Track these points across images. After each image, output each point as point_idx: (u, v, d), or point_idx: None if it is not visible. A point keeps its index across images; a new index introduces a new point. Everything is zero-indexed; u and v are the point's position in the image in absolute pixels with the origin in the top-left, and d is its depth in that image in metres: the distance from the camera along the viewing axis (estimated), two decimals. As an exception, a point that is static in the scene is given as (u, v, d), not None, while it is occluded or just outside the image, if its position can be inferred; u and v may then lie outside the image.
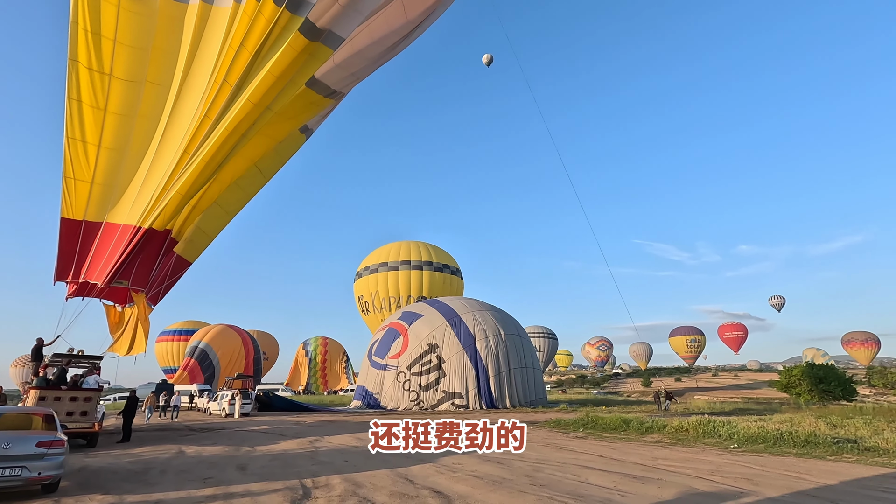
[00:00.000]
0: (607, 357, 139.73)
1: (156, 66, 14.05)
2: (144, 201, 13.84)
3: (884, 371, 47.99)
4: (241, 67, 12.96)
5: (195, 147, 13.27)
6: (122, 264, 13.54)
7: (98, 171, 13.96)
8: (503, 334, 29.76)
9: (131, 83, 13.95)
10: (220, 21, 13.70)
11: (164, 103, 14.19)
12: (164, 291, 16.58)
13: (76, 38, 13.23)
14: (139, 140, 14.19)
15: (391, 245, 50.36)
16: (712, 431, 14.54)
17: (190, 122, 13.71)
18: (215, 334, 51.30)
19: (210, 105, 13.18)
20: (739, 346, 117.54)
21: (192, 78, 14.04)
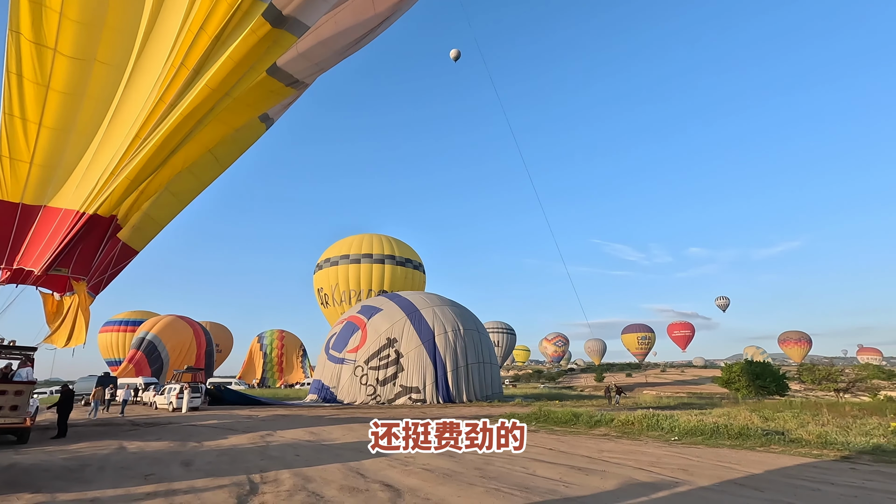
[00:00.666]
0: (563, 353, 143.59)
1: (107, 46, 13.21)
2: (89, 186, 13.10)
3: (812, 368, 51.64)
4: (199, 51, 12.44)
5: (147, 131, 12.66)
6: (62, 251, 12.78)
7: (38, 152, 13.10)
8: (462, 329, 30.04)
9: (79, 61, 13.12)
10: (180, 2, 13.09)
11: (116, 84, 13.40)
12: (107, 281, 15.77)
13: (17, 6, 12.34)
14: (86, 121, 13.38)
15: (353, 237, 49.59)
16: (656, 425, 15.24)
17: (143, 106, 13.07)
18: (165, 325, 49.29)
19: (166, 89, 12.60)
20: (686, 344, 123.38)
21: (146, 60, 13.33)
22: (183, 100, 12.49)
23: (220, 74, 12.41)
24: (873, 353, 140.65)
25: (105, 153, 13.28)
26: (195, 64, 12.43)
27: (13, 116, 12.58)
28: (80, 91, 13.09)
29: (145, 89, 13.22)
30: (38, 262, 12.94)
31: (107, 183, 12.86)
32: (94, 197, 12.93)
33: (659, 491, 7.36)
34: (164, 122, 12.50)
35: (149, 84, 13.21)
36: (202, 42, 12.33)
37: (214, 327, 68.91)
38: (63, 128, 13.10)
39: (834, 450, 11.17)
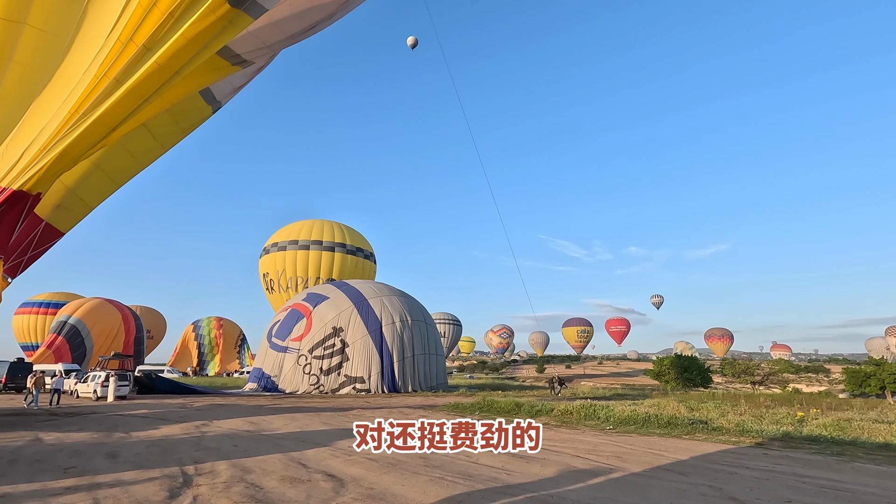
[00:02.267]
0: (508, 344, 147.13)
1: (41, 10, 12.03)
2: (13, 158, 11.96)
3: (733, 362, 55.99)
4: (150, 27, 11.61)
5: (87, 107, 11.69)
6: None
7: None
8: (410, 320, 30.02)
9: (7, 22, 11.91)
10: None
11: (49, 53, 12.21)
12: (26, 263, 14.44)
13: None
14: (11, 89, 12.16)
15: (303, 222, 47.83)
16: (593, 415, 15.94)
17: (81, 79, 12.03)
18: (90, 308, 45.92)
19: (111, 64, 11.66)
20: (622, 339, 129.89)
21: (87, 30, 12.21)
22: (128, 76, 11.68)
23: (170, 52, 11.71)
24: (784, 350, 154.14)
25: (33, 125, 12.19)
26: (145, 40, 11.67)
27: None
28: (6, 55, 11.93)
29: (84, 61, 12.25)
30: None
31: (35, 157, 11.81)
32: (20, 171, 11.84)
33: (595, 477, 7.71)
34: (107, 99, 11.64)
35: (89, 56, 12.23)
36: (154, 18, 11.59)
37: (146, 312, 65.06)
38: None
39: (749, 437, 12.15)
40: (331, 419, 15.73)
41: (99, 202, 15.90)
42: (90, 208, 15.70)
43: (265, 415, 16.84)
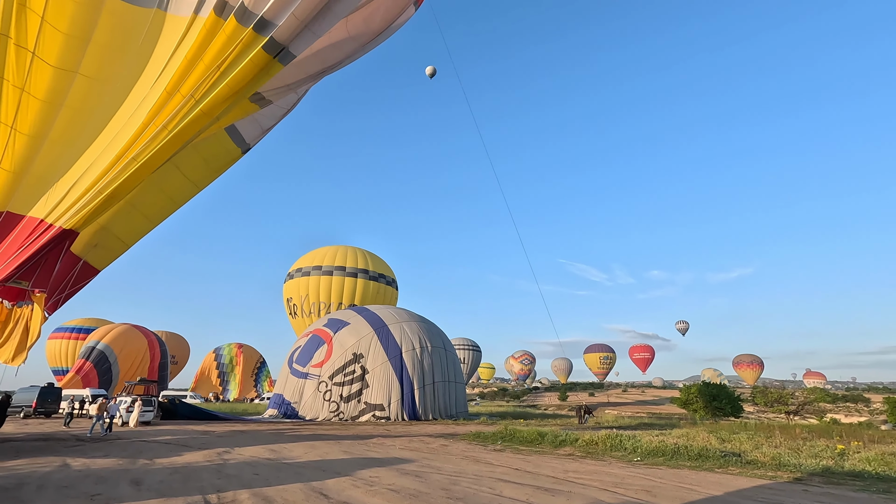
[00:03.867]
0: (530, 371, 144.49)
1: (92, 60, 13.05)
2: (61, 197, 12.70)
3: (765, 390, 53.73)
4: (195, 79, 12.57)
5: (134, 152, 12.44)
6: (26, 262, 12.14)
7: (7, 156, 12.62)
8: (430, 347, 29.83)
9: (61, 71, 12.94)
10: (175, 30, 13.11)
11: (97, 99, 13.17)
12: (64, 299, 14.95)
13: (3, 6, 12.12)
14: (62, 132, 13.03)
15: (327, 248, 48.64)
16: (619, 445, 15.43)
17: (126, 124, 12.87)
18: (117, 335, 46.94)
19: (158, 112, 12.50)
20: (647, 367, 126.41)
21: (134, 80, 13.24)
22: (174, 123, 12.52)
23: (213, 101, 12.68)
24: (819, 378, 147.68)
25: (80, 166, 12.99)
26: (190, 90, 12.51)
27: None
28: (58, 100, 12.94)
29: (130, 108, 13.21)
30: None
31: (81, 197, 12.51)
32: (65, 210, 12.53)
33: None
34: (152, 144, 12.41)
35: (134, 103, 13.19)
36: (199, 71, 12.52)
37: (171, 338, 66.16)
38: (37, 135, 12.78)
39: (787, 472, 11.58)
40: (351, 447, 15.58)
41: (135, 241, 16.46)
42: (127, 247, 16.25)
43: (285, 442, 16.78)
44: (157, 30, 13.42)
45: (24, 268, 12.31)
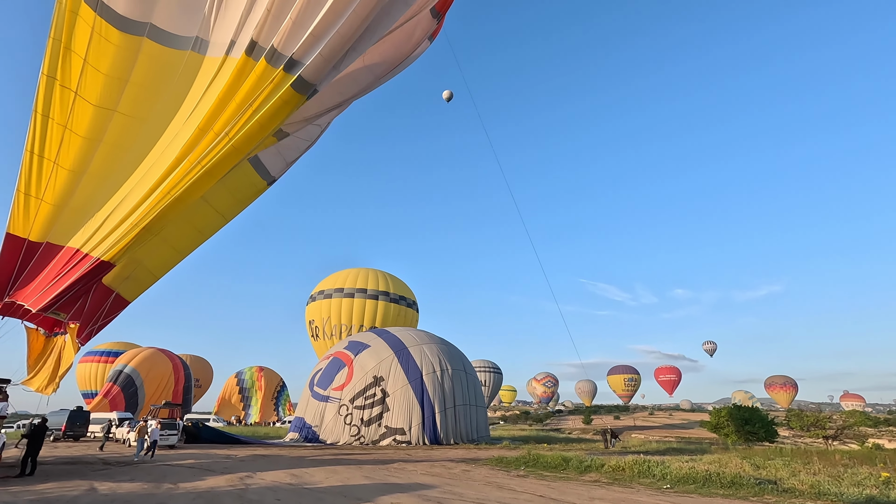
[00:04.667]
0: (553, 393, 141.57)
1: (130, 99, 13.88)
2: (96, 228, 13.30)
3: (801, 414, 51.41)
4: (228, 117, 13.25)
5: (168, 187, 13.04)
6: (64, 293, 12.63)
7: (50, 190, 13.36)
8: (450, 369, 29.58)
9: (101, 109, 13.80)
10: (208, 70, 13.88)
11: (135, 137, 13.93)
12: (96, 330, 15.37)
13: (49, 47, 13.00)
14: (100, 167, 13.76)
15: (349, 271, 49.19)
16: (647, 471, 14.93)
17: (160, 159, 13.54)
18: (144, 358, 47.84)
19: (191, 149, 13.14)
20: (673, 389, 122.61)
21: (169, 118, 14.01)
22: (207, 159, 13.08)
23: (244, 137, 13.29)
24: (857, 400, 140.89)
25: (116, 200, 13.68)
26: (221, 128, 13.20)
27: (33, 154, 13.06)
28: (97, 137, 13.73)
29: (164, 144, 13.90)
30: (38, 300, 12.78)
31: (115, 228, 13.04)
32: (100, 240, 13.06)
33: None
34: (185, 179, 12.96)
35: (168, 140, 13.84)
36: (231, 109, 13.13)
37: (195, 361, 67.06)
38: (77, 170, 13.58)
39: (828, 500, 11.02)
40: (372, 472, 15.43)
41: (164, 272, 16.87)
42: (156, 278, 16.68)
43: (307, 466, 16.71)
44: (191, 71, 14.18)
45: (63, 299, 12.77)
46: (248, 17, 13.79)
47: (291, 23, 13.03)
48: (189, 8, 14.30)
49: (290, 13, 13.13)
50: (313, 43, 13.06)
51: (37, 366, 13.86)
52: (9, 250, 13.00)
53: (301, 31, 13.11)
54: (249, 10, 13.76)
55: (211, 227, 17.03)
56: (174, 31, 14.27)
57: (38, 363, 13.86)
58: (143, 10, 13.90)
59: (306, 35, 13.01)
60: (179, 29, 14.29)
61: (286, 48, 13.04)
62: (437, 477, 14.69)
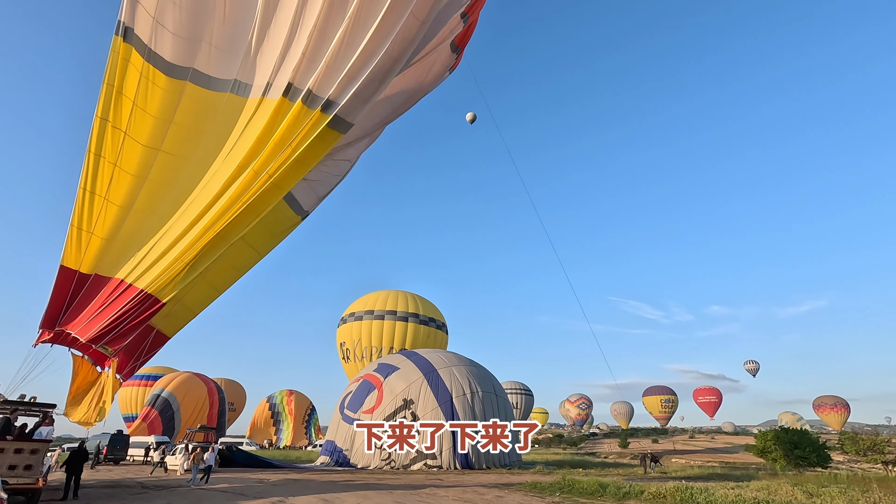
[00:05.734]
0: (587, 416, 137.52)
1: (173, 139, 14.80)
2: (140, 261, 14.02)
3: (855, 437, 48.30)
4: (267, 156, 13.95)
5: (211, 223, 13.68)
6: (114, 326, 13.18)
7: (100, 224, 14.15)
8: (480, 392, 29.17)
9: (148, 148, 14.79)
10: (247, 111, 14.68)
11: (178, 174, 14.71)
12: (138, 366, 15.78)
13: (103, 91, 14.03)
14: (146, 202, 14.62)
15: (379, 293, 49.73)
16: (690, 499, 14.24)
17: (199, 195, 14.30)
18: (180, 382, 49.03)
19: (233, 187, 13.78)
20: (714, 411, 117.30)
21: (210, 157, 14.78)
22: (247, 197, 13.73)
23: (284, 174, 14.02)
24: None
25: (160, 234, 14.38)
26: (261, 166, 13.96)
27: (86, 190, 13.92)
28: (144, 174, 14.59)
29: (206, 182, 14.71)
30: (86, 330, 13.35)
31: (159, 260, 13.65)
32: (145, 272, 13.68)
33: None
34: (227, 216, 13.61)
35: (209, 178, 14.63)
36: (269, 149, 13.76)
37: (229, 384, 68.27)
38: (125, 205, 14.42)
39: (891, 532, 10.22)
40: (403, 498, 15.22)
41: (202, 309, 17.31)
42: (194, 315, 17.11)
43: (338, 491, 16.63)
44: (230, 111, 14.98)
45: (112, 333, 13.28)
46: (284, 61, 14.64)
47: (326, 66, 13.83)
48: (228, 53, 15.25)
49: (324, 57, 13.96)
50: (348, 83, 13.77)
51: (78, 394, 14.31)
52: (62, 282, 13.69)
53: (336, 74, 13.87)
54: (284, 55, 14.61)
55: (246, 264, 17.43)
56: (214, 74, 15.23)
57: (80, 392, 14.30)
58: (187, 56, 14.97)
59: (341, 77, 13.74)
60: (219, 72, 15.25)
61: (322, 90, 13.76)
62: (470, 503, 14.37)
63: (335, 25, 14.20)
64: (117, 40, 14.20)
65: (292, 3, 14.82)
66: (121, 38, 14.22)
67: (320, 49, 14.12)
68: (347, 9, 14.12)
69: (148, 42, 14.53)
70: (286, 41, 14.74)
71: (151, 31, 14.56)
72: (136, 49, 14.39)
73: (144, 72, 14.42)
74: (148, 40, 14.53)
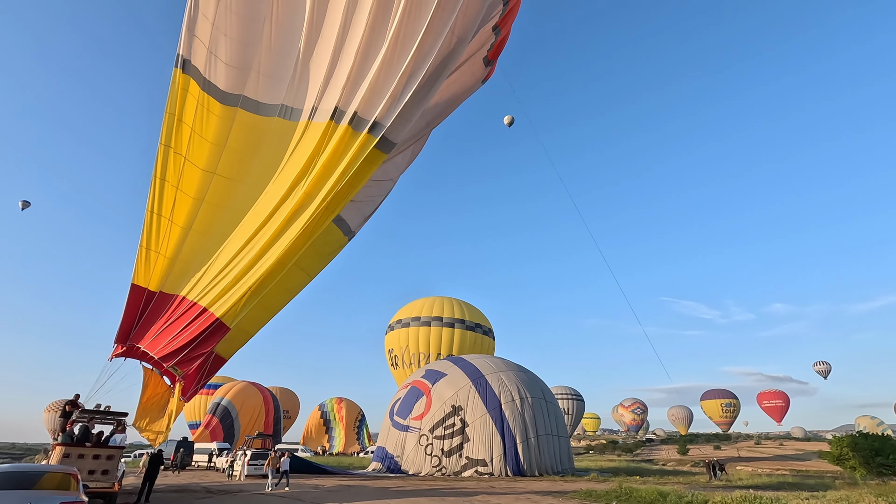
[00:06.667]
0: (642, 421, 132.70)
1: (226, 163, 15.78)
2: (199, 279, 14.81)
3: (947, 443, 43.93)
4: (317, 179, 14.43)
5: (266, 247, 14.25)
6: (184, 347, 13.97)
7: (164, 244, 15.10)
8: (530, 398, 28.75)
9: (205, 172, 15.75)
10: (294, 135, 15.51)
11: (232, 196, 15.54)
12: (198, 389, 16.41)
13: (165, 120, 15.22)
14: (205, 224, 15.48)
15: (425, 300, 50.40)
16: (759, 509, 13.41)
17: (254, 217, 14.96)
18: (238, 391, 51.12)
19: (285, 212, 14.35)
20: (782, 416, 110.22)
21: (261, 179, 15.53)
22: (302, 222, 14.19)
23: (337, 198, 14.61)
24: None
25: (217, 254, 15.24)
26: (313, 189, 14.79)
27: (153, 213, 15.00)
28: (200, 197, 15.46)
29: (258, 204, 15.28)
30: (154, 345, 14.21)
31: (217, 282, 14.47)
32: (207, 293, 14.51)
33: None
34: (282, 241, 14.21)
35: (261, 199, 15.50)
36: (320, 173, 14.38)
37: (283, 393, 70.53)
38: (186, 226, 15.43)
39: None
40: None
41: (256, 331, 17.96)
42: (249, 337, 17.81)
43: (390, 498, 16.79)
44: (278, 135, 15.78)
45: (183, 354, 14.07)
46: (328, 85, 15.37)
47: (370, 89, 14.43)
48: (274, 79, 16.15)
49: (367, 80, 14.55)
50: (392, 104, 14.33)
51: (148, 406, 15.11)
52: (133, 299, 14.66)
53: (380, 96, 14.45)
54: (328, 79, 15.40)
55: (297, 286, 17.93)
56: (262, 99, 16.13)
57: (150, 404, 15.10)
58: (237, 84, 15.99)
59: (385, 98, 14.29)
60: (267, 98, 16.13)
61: (367, 112, 14.34)
62: (523, 511, 14.12)
63: (376, 48, 14.92)
64: (177, 72, 15.39)
65: (333, 30, 15.61)
66: (180, 69, 15.42)
67: (363, 72, 14.91)
68: (388, 32, 14.86)
69: (204, 72, 15.66)
70: (329, 66, 15.55)
71: (206, 62, 15.72)
72: (194, 79, 15.57)
73: (201, 100, 15.51)
74: (204, 71, 15.68)
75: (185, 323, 14.12)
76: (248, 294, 13.85)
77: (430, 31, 14.45)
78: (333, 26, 15.65)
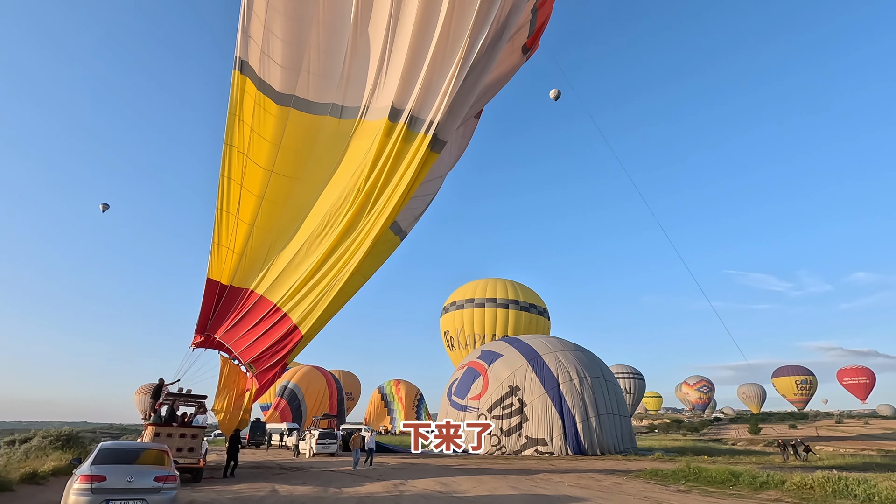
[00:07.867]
0: (709, 399, 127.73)
1: (283, 161, 16.34)
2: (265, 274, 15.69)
3: None
4: (377, 183, 14.78)
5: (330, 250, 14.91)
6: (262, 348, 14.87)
7: (232, 240, 16.04)
8: (588, 377, 28.29)
9: (264, 170, 16.44)
10: (346, 133, 16.03)
11: (288, 193, 16.21)
12: (266, 388, 17.13)
13: (228, 120, 15.96)
14: (264, 220, 16.15)
15: (478, 281, 50.72)
16: (845, 491, 12.58)
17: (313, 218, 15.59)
18: (302, 375, 53.67)
19: (347, 215, 14.88)
20: (867, 394, 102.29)
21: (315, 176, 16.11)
22: (365, 229, 14.66)
23: (396, 201, 14.68)
24: None
25: (279, 251, 15.91)
26: (373, 189, 14.81)
27: (222, 210, 15.86)
28: (260, 194, 16.25)
29: (316, 202, 15.86)
30: (230, 338, 15.26)
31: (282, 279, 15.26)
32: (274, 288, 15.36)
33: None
34: (346, 246, 14.75)
35: (320, 200, 15.84)
36: (378, 175, 14.77)
37: (345, 375, 73.45)
38: (250, 222, 16.16)
39: None
40: (518, 483, 15.30)
41: (314, 335, 18.61)
42: (307, 342, 18.50)
43: (453, 475, 17.16)
44: (329, 133, 16.24)
45: (261, 356, 14.95)
46: (378, 84, 15.71)
47: (424, 88, 14.59)
48: (324, 78, 16.54)
49: (420, 78, 14.67)
50: (443, 101, 14.37)
51: (224, 391, 16.07)
52: (209, 293, 15.67)
53: (433, 94, 14.57)
54: (378, 78, 15.75)
55: (355, 288, 18.24)
56: (313, 98, 16.55)
57: (227, 390, 16.05)
58: (290, 84, 16.48)
59: (438, 96, 14.42)
60: (317, 97, 16.55)
61: (422, 112, 14.53)
62: (587, 489, 14.04)
63: (426, 46, 14.93)
64: (236, 74, 16.06)
65: (380, 29, 15.90)
66: (238, 71, 15.99)
67: (415, 70, 14.88)
68: (436, 28, 14.74)
69: (259, 73, 16.24)
70: (378, 65, 15.79)
71: (261, 63, 16.32)
72: (251, 80, 16.19)
73: (258, 100, 16.15)
74: (259, 71, 16.28)
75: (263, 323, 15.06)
76: (321, 304, 14.57)
77: (476, 23, 14.33)
78: (380, 26, 15.86)
